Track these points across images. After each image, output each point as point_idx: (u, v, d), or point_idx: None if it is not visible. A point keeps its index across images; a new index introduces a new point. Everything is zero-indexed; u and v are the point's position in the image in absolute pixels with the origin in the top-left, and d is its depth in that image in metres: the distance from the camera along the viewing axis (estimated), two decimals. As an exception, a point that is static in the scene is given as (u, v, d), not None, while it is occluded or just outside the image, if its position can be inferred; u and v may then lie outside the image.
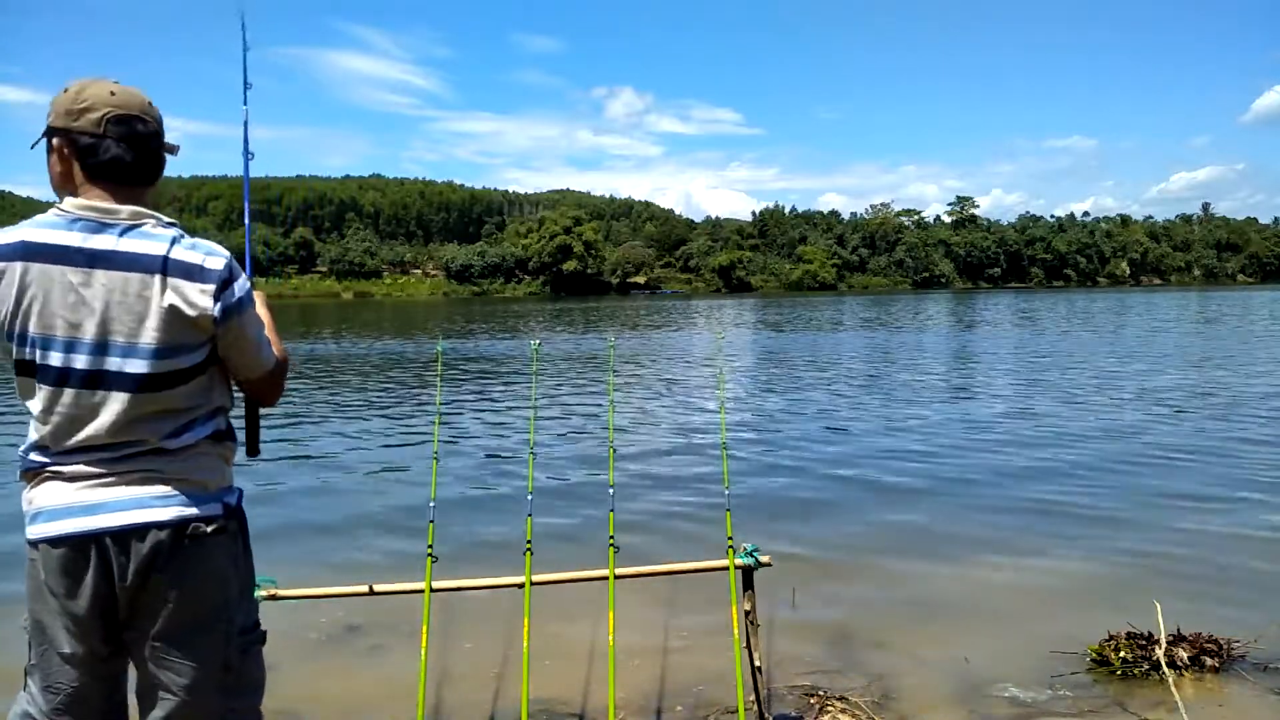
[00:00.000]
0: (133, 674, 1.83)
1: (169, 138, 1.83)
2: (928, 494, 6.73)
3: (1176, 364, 16.38)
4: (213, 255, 1.70)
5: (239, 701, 1.82)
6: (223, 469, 1.82)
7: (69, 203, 1.68)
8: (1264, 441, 8.56)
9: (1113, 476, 7.15)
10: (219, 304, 1.68)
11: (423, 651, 2.75)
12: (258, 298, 1.95)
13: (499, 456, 8.38)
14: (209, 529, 1.73)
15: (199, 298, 1.66)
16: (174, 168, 2.36)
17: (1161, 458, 7.84)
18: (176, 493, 1.71)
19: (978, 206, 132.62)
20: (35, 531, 1.68)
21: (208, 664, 1.76)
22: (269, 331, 1.90)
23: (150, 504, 1.69)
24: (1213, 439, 8.72)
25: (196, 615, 1.74)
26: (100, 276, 1.64)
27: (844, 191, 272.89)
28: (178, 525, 1.70)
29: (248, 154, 2.34)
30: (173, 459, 1.72)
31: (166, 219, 1.72)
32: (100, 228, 1.66)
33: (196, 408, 1.76)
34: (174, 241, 1.68)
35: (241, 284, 1.74)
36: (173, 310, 1.65)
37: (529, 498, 3.18)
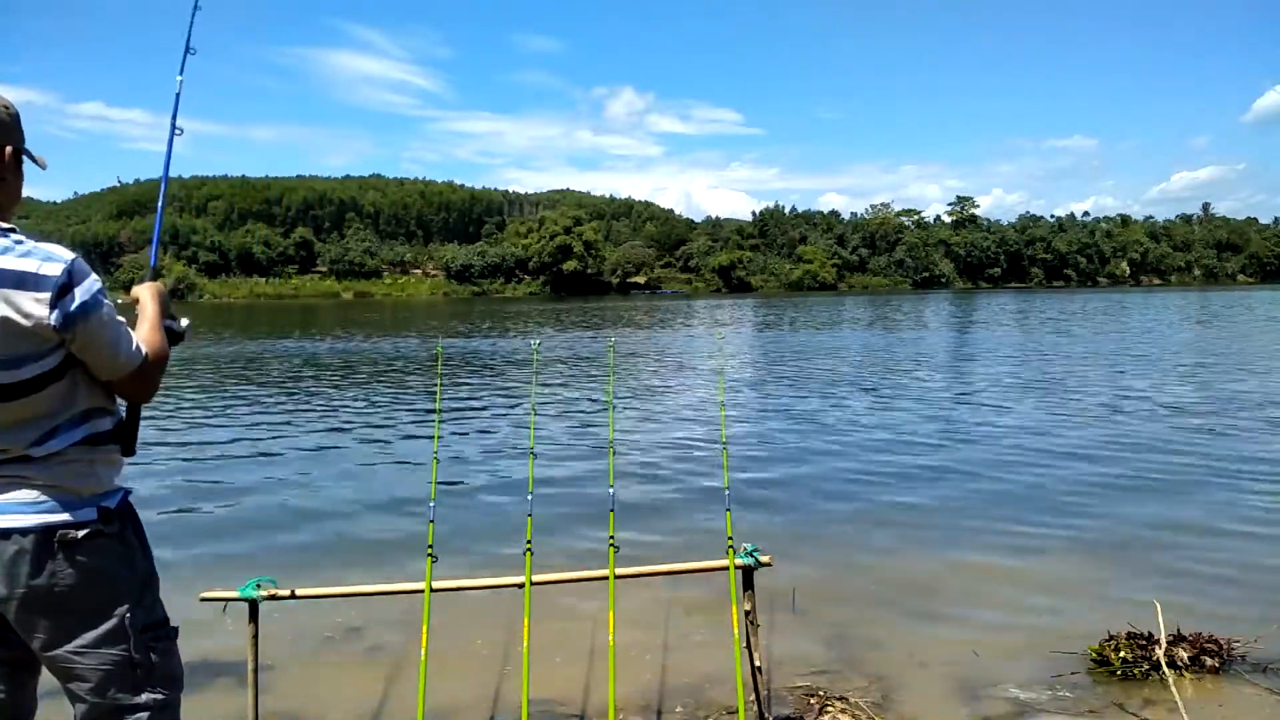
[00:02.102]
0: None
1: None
2: (928, 495, 6.73)
3: (1177, 365, 16.38)
4: (50, 261, 1.64)
5: (154, 696, 1.83)
6: (98, 473, 1.78)
7: None
8: (1265, 443, 8.57)
9: (1113, 476, 7.14)
10: (56, 311, 1.62)
11: (423, 651, 2.75)
12: (148, 290, 1.93)
13: (499, 456, 8.38)
14: (80, 534, 1.71)
15: (33, 307, 1.61)
16: (175, 167, 2.34)
17: (1162, 458, 7.84)
18: (44, 499, 1.70)
19: (978, 206, 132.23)
20: None
21: (111, 664, 1.77)
22: (147, 327, 1.86)
23: (13, 510, 1.68)
24: (1213, 439, 8.73)
25: (84, 619, 1.75)
26: None
27: (844, 191, 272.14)
28: (43, 531, 1.68)
29: (174, 129, 2.21)
30: (40, 466, 1.70)
31: (3, 225, 1.68)
32: None
33: (59, 413, 1.72)
34: (3, 251, 1.63)
35: (86, 287, 1.67)
36: (6, 322, 1.61)
37: (529, 498, 3.18)
